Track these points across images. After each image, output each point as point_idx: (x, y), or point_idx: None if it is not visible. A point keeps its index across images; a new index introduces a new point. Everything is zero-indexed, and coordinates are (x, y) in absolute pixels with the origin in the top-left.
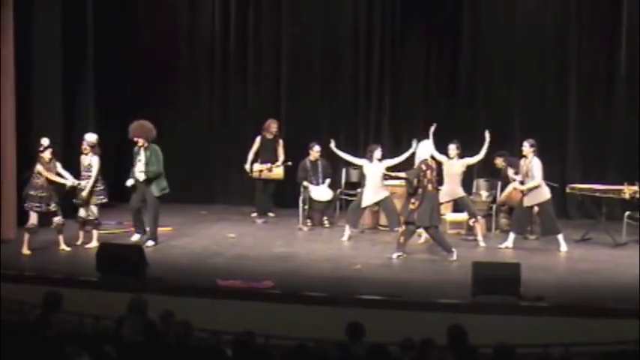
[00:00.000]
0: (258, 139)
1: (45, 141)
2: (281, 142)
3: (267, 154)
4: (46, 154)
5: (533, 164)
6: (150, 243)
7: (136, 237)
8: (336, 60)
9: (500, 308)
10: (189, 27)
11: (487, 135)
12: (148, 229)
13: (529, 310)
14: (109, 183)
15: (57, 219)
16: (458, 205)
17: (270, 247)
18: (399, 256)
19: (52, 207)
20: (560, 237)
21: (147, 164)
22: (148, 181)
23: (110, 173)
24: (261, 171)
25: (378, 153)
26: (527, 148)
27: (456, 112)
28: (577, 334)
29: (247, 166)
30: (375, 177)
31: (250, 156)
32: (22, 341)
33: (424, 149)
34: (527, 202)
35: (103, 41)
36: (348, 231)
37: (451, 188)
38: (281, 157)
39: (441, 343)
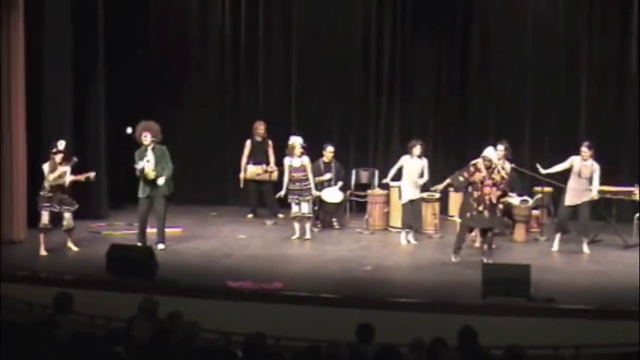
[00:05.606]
0: (248, 143)
1: (61, 144)
2: (270, 143)
3: (258, 157)
4: (57, 157)
5: (597, 168)
6: (160, 246)
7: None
8: (347, 60)
9: (511, 310)
10: (200, 27)
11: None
12: (155, 230)
13: (540, 311)
14: (118, 185)
15: (67, 217)
16: None
17: (280, 248)
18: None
19: (63, 208)
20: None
21: (157, 164)
22: (160, 181)
23: (121, 175)
24: (258, 173)
25: (417, 149)
26: (587, 151)
27: (466, 113)
28: (588, 335)
29: (242, 175)
30: (414, 173)
31: (244, 161)
32: (32, 343)
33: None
34: (569, 201)
35: (113, 42)
36: (410, 234)
37: None
38: (271, 158)
39: (452, 345)
